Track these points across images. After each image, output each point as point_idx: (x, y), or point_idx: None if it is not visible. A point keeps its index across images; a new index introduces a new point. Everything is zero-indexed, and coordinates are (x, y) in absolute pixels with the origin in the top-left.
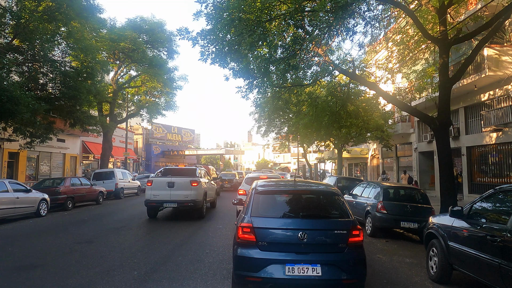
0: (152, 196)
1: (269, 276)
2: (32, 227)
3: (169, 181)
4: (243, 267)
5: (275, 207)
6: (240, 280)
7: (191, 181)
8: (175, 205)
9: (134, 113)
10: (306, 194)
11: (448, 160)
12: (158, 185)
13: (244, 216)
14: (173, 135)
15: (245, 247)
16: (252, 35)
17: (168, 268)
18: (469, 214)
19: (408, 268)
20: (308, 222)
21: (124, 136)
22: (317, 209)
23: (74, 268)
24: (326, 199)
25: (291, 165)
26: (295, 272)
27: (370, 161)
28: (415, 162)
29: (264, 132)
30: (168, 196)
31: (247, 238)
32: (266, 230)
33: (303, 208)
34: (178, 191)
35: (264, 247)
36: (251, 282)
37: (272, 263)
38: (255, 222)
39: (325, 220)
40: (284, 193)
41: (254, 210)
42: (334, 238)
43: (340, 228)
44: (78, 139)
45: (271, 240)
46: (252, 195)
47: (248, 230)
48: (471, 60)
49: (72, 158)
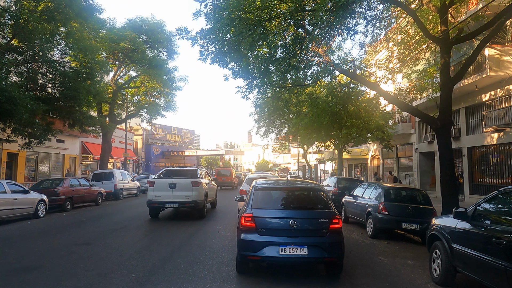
0: (154, 197)
1: (266, 255)
2: (30, 228)
3: (171, 182)
4: (245, 248)
5: (271, 201)
6: (243, 259)
7: (193, 182)
8: (177, 205)
9: (133, 114)
10: (296, 190)
11: (450, 160)
12: (160, 186)
13: (246, 208)
14: (173, 135)
15: (246, 232)
16: (252, 34)
17: (167, 271)
18: (473, 216)
19: (410, 270)
20: (297, 212)
21: (123, 137)
22: (304, 202)
23: (71, 271)
24: (312, 194)
25: (291, 165)
26: (287, 252)
27: (371, 161)
28: (416, 163)
29: (264, 133)
30: (170, 197)
31: (248, 225)
32: (263, 219)
33: (294, 201)
34: (180, 192)
35: (262, 233)
36: (252, 260)
37: (269, 245)
38: (255, 212)
39: (311, 211)
40: (278, 190)
41: (254, 203)
42: (318, 225)
43: (323, 217)
44: (77, 140)
45: (267, 227)
46: (252, 191)
47: (249, 219)
48: (472, 59)
49: (72, 159)
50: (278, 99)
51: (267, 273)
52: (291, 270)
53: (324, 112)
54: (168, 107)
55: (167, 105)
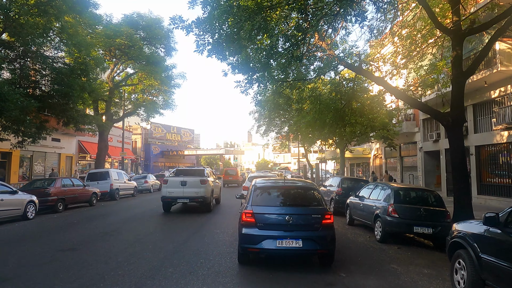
0: (167, 193)
1: (264, 247)
2: (16, 231)
3: (182, 180)
4: (246, 241)
5: (269, 198)
6: (244, 251)
7: (201, 180)
8: (187, 201)
9: (131, 112)
10: (292, 189)
11: (462, 159)
12: (172, 183)
13: (246, 205)
14: (172, 135)
15: (247, 227)
16: (252, 21)
17: (156, 283)
18: (507, 222)
19: (428, 281)
20: (293, 209)
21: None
22: (299, 200)
23: (48, 283)
24: (307, 193)
25: (291, 165)
26: (283, 245)
27: (373, 161)
28: (420, 162)
29: (264, 132)
30: (181, 193)
31: (249, 220)
32: (262, 215)
33: (290, 199)
34: (190, 189)
35: (261, 227)
36: (252, 252)
37: (267, 238)
38: (255, 209)
39: (305, 207)
40: (275, 188)
41: (254, 201)
42: (312, 220)
43: (316, 213)
44: (74, 139)
45: (266, 222)
46: (252, 190)
47: (250, 215)
48: (486, 51)
49: (68, 158)
50: (279, 96)
51: (266, 264)
52: (287, 261)
53: (327, 109)
54: (166, 106)
55: (165, 103)
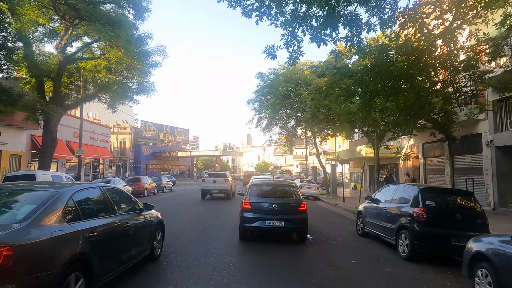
0: (204, 186)
1: (257, 226)
2: None
3: (214, 179)
4: (245, 222)
5: (261, 192)
6: (243, 228)
7: (225, 179)
8: (217, 191)
9: (90, 96)
10: (277, 186)
11: None
12: (208, 181)
13: (245, 196)
14: (165, 135)
15: (246, 212)
16: None
17: None
18: None
19: None
20: (278, 199)
21: (95, 132)
22: (283, 193)
23: None
24: (289, 189)
25: (293, 168)
26: (271, 224)
27: (404, 161)
28: (489, 162)
29: (266, 126)
30: (213, 187)
31: (247, 207)
32: (257, 203)
33: (276, 192)
34: (218, 184)
35: (255, 212)
36: (249, 230)
37: (259, 220)
38: (251, 199)
39: (287, 199)
40: (266, 185)
41: (250, 193)
42: (291, 208)
43: (294, 203)
44: (23, 133)
45: (259, 208)
46: (250, 186)
47: (247, 203)
48: None
49: (14, 157)
50: None
51: None
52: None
53: (385, 79)
54: (141, 90)
55: (140, 87)
